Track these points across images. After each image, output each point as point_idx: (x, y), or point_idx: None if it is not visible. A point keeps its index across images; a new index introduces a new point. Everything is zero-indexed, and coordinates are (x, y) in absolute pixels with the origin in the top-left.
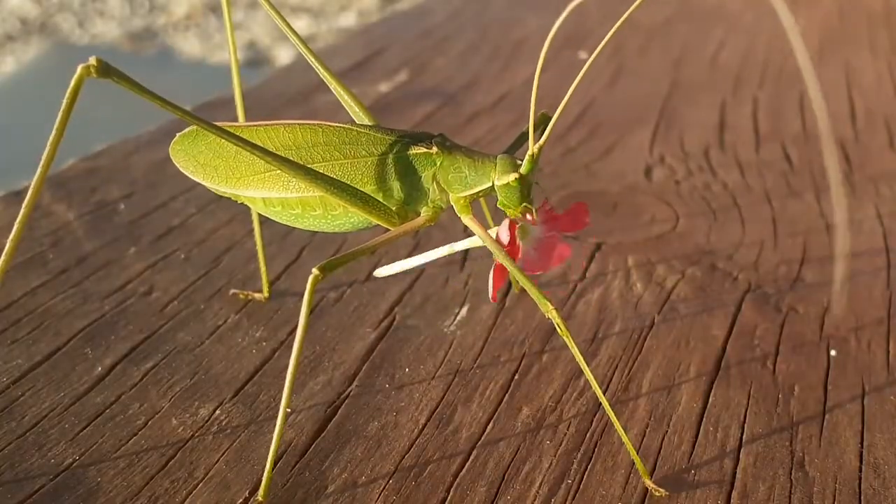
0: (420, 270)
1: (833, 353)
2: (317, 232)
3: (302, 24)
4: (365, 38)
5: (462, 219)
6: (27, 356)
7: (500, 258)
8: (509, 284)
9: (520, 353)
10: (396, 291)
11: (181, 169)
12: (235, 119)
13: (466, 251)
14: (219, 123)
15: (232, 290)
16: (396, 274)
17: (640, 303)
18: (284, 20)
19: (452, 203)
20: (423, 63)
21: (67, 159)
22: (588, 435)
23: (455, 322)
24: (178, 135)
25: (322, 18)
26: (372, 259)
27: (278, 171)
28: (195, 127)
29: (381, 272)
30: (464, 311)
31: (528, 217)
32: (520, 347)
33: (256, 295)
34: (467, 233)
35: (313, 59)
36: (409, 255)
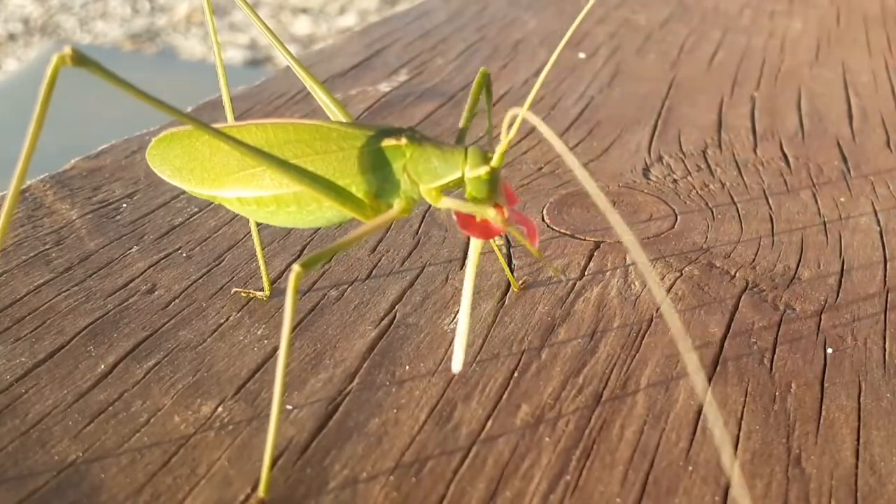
0: (420, 268)
1: (830, 350)
2: (318, 229)
3: (302, 25)
4: (365, 39)
5: (440, 205)
6: (30, 354)
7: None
8: (508, 285)
9: (519, 351)
10: (397, 289)
11: (158, 173)
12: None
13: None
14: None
15: (234, 289)
16: (465, 348)
17: (638, 301)
18: (262, 21)
19: (424, 195)
20: (423, 63)
21: (70, 159)
22: (587, 432)
23: (455, 320)
24: (153, 139)
25: (322, 19)
26: (373, 257)
27: (252, 171)
28: (170, 131)
29: (457, 365)
30: None
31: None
32: (519, 345)
33: (258, 293)
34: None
35: (292, 60)
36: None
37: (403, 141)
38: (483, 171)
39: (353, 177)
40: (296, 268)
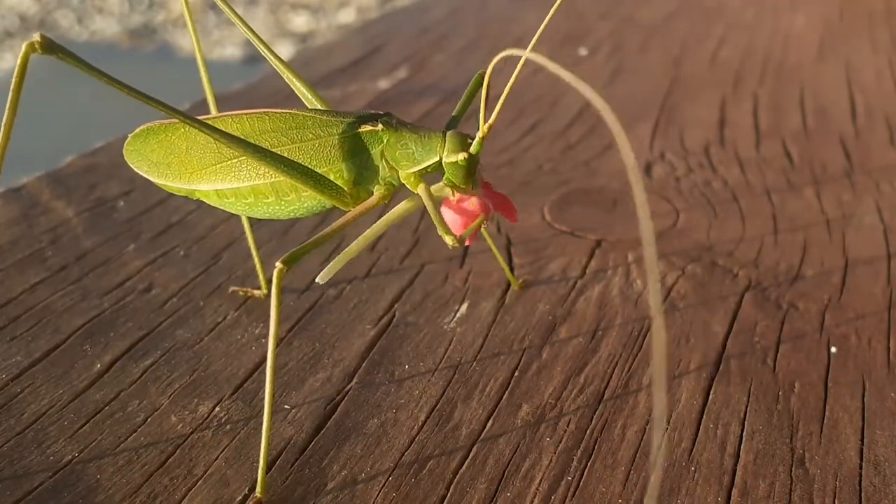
0: (420, 267)
1: (833, 349)
2: (317, 226)
3: (301, 21)
4: (364, 35)
5: (416, 191)
6: (26, 353)
7: (441, 229)
8: (508, 285)
9: (520, 350)
10: (396, 288)
11: (136, 169)
12: None
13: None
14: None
15: (231, 287)
16: (339, 268)
17: (640, 299)
18: (238, 16)
19: (403, 180)
20: (423, 60)
21: (66, 156)
22: (588, 432)
23: (455, 319)
24: (129, 135)
25: (321, 15)
26: (372, 255)
27: (229, 162)
28: (146, 126)
29: (321, 278)
30: (463, 307)
31: (473, 197)
32: (520, 344)
33: (256, 292)
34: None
35: (267, 51)
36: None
37: (380, 126)
38: (460, 157)
39: (331, 164)
40: (278, 265)
